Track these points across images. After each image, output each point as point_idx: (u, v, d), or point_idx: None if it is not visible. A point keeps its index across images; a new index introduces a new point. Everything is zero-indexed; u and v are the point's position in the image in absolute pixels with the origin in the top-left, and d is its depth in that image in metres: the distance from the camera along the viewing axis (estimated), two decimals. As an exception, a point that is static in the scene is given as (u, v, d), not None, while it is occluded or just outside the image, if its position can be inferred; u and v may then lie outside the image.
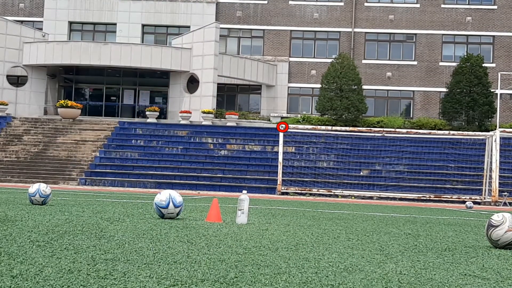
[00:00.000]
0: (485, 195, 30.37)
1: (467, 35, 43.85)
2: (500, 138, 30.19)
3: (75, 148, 34.95)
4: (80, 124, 37.87)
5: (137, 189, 30.03)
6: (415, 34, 44.05)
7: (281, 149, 31.04)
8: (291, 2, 44.66)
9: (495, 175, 29.07)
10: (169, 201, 8.83)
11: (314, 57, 44.46)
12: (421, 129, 37.75)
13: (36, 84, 41.13)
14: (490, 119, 39.33)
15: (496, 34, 43.64)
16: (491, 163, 29.92)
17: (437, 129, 37.89)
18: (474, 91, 38.50)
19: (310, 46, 44.67)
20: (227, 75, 41.61)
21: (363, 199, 30.11)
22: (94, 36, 45.55)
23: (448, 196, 30.67)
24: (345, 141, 35.80)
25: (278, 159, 31.46)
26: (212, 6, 44.76)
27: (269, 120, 41.20)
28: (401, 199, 30.47)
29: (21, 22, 43.78)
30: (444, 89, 41.23)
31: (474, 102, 38.27)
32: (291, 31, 44.64)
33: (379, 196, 30.76)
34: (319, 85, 41.00)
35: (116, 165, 33.37)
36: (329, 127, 34.25)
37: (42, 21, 45.13)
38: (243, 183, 31.89)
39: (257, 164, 33.89)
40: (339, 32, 44.44)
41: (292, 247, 5.95)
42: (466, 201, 25.78)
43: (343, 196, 30.47)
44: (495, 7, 43.68)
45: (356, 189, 31.42)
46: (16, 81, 42.74)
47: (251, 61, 42.74)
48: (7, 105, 38.87)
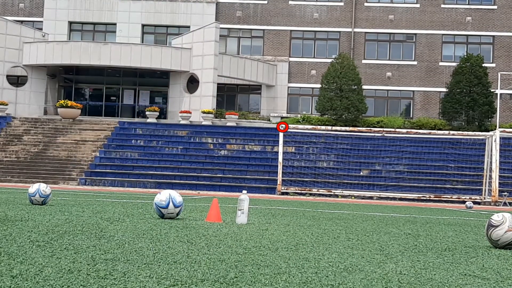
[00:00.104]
0: (485, 195, 30.37)
1: (467, 35, 43.84)
2: (500, 138, 30.19)
3: (75, 148, 34.94)
4: (80, 124, 37.87)
5: (137, 189, 30.03)
6: (415, 34, 44.04)
7: (281, 149, 31.04)
8: (291, 2, 44.64)
9: (495, 175, 29.07)
10: (169, 201, 8.83)
11: (314, 57, 44.45)
12: (421, 129, 37.75)
13: (36, 84, 41.12)
14: (490, 119, 39.33)
15: (496, 34, 43.63)
16: (491, 163, 29.91)
17: (437, 129, 37.88)
18: (474, 91, 38.49)
19: (310, 46, 44.66)
20: (227, 75, 41.60)
21: (363, 199, 30.11)
22: (94, 36, 45.54)
23: (448, 196, 30.66)
24: (345, 141, 35.79)
25: (278, 159, 31.46)
26: (212, 6, 44.75)
27: (269, 120, 41.19)
28: (401, 199, 30.47)
29: (21, 22, 43.77)
30: (444, 89, 41.23)
31: (474, 102, 38.26)
32: (291, 31, 44.63)
33: (379, 196, 30.76)
34: (319, 85, 40.99)
35: (116, 165, 33.37)
36: (329, 127, 34.25)
37: (42, 21, 45.12)
38: (243, 183, 31.88)
39: (257, 164, 33.89)
40: (339, 32, 44.43)
41: (292, 247, 5.94)
42: (466, 201, 25.77)
43: (343, 196, 30.46)
44: (495, 7, 43.67)
45: (356, 189, 31.41)
46: (16, 81, 42.73)
47: (251, 61, 42.73)
48: (7, 105, 38.87)
